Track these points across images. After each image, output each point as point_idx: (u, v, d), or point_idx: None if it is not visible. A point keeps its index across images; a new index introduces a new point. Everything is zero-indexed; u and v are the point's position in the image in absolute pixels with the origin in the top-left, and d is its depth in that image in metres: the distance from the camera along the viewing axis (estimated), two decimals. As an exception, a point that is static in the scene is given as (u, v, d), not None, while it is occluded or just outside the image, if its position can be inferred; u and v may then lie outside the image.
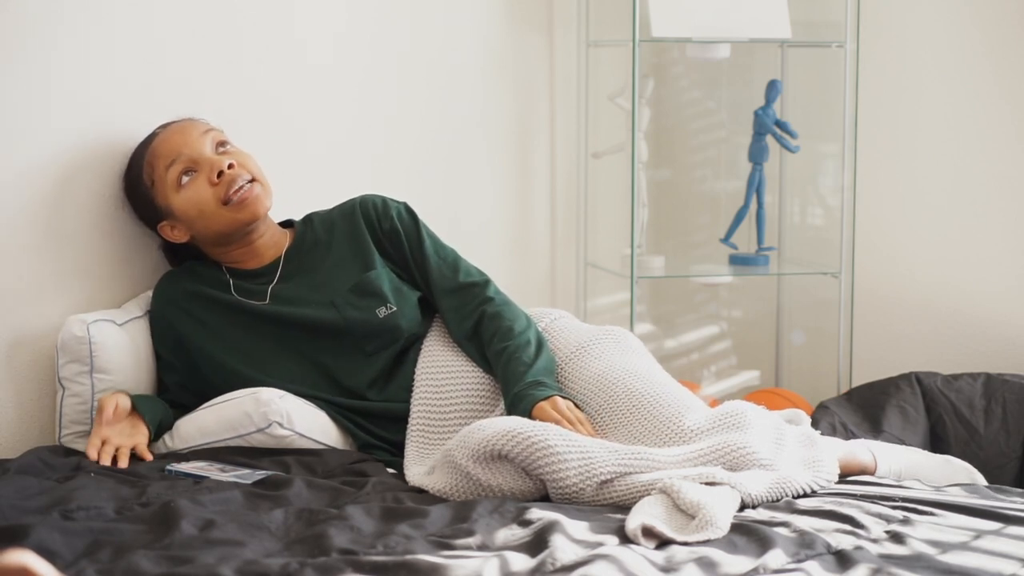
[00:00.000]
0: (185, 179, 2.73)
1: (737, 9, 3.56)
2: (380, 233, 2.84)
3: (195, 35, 2.97)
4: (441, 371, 2.76)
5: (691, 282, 3.87)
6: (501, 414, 2.69)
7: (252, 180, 2.75)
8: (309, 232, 2.86)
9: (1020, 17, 3.53)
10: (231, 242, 2.78)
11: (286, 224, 2.90)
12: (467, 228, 3.52)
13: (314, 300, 2.77)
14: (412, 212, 2.88)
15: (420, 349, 2.80)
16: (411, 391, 2.75)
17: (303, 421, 2.67)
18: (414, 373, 2.77)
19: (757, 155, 3.67)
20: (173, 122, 2.81)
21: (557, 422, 2.54)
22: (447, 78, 3.50)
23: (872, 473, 2.65)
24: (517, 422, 2.45)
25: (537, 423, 2.46)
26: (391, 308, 2.76)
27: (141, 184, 2.77)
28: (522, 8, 3.63)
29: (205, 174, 2.73)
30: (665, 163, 3.93)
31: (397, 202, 2.89)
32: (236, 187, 2.72)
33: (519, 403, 2.63)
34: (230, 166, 2.72)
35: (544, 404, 2.59)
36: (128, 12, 2.85)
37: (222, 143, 2.78)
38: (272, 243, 2.83)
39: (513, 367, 2.69)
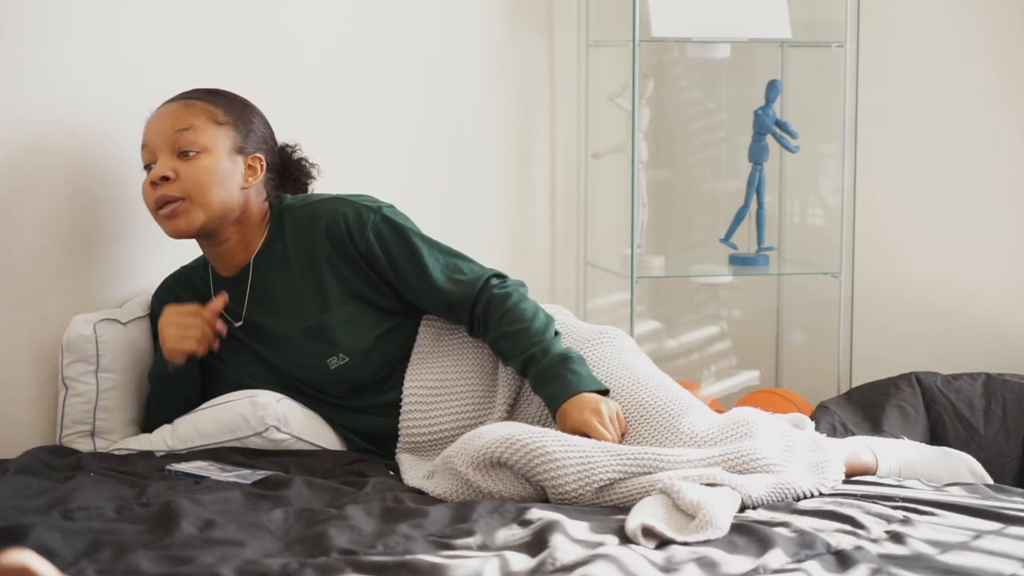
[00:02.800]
0: (145, 165, 2.70)
1: (737, 9, 3.56)
2: (355, 255, 2.70)
3: (193, 35, 2.97)
4: (429, 394, 2.71)
5: (691, 282, 3.87)
6: (498, 420, 2.68)
7: (183, 199, 2.64)
8: (279, 239, 2.74)
9: (1020, 17, 3.53)
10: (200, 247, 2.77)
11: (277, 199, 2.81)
12: (467, 228, 3.52)
13: (278, 342, 2.71)
14: (391, 221, 2.71)
15: (406, 367, 2.75)
16: (397, 407, 2.73)
17: (300, 424, 2.67)
18: (400, 392, 2.73)
19: (757, 155, 3.67)
20: (178, 98, 2.73)
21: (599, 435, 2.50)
22: (447, 78, 3.50)
23: (874, 473, 2.66)
24: (516, 428, 2.44)
25: (536, 429, 2.45)
26: (342, 359, 2.68)
27: None
28: (522, 8, 3.63)
29: (152, 174, 2.68)
30: (665, 163, 3.93)
31: (373, 209, 2.71)
32: (163, 201, 2.65)
33: (547, 384, 2.58)
34: (164, 178, 2.64)
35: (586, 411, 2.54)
36: (127, 13, 2.85)
37: (184, 151, 2.66)
38: (241, 247, 2.74)
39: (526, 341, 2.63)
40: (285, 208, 2.77)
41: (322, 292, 2.70)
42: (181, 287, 2.80)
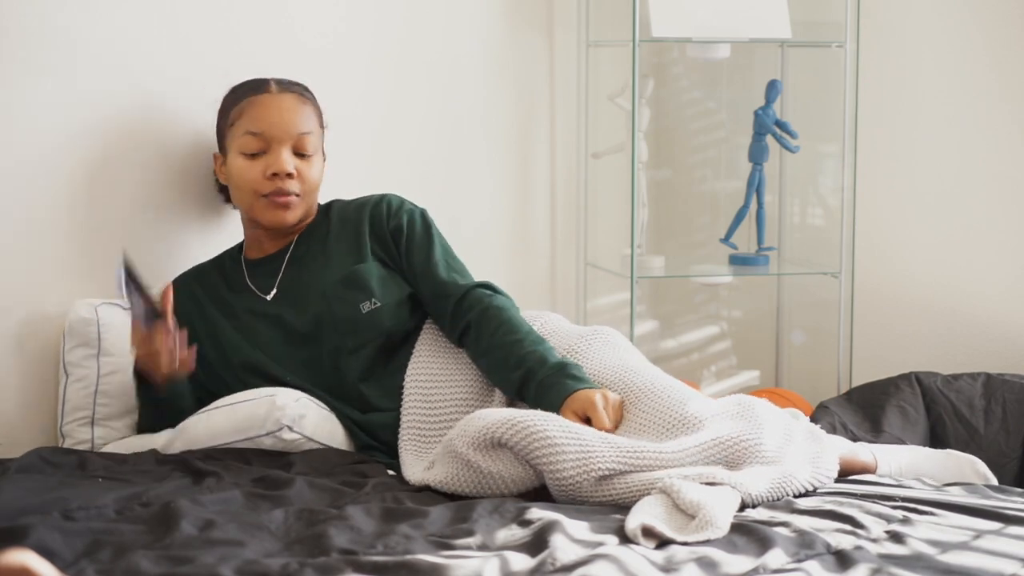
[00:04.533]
0: (252, 152, 2.76)
1: (737, 9, 3.56)
2: (385, 229, 2.84)
3: (193, 35, 2.97)
4: (430, 380, 2.75)
5: (691, 282, 3.87)
6: (498, 406, 2.69)
7: (298, 195, 2.78)
8: (324, 222, 2.88)
9: (1020, 17, 3.53)
10: (255, 226, 2.85)
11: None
12: (467, 228, 3.52)
13: (311, 298, 2.78)
14: (427, 219, 2.89)
15: (410, 353, 2.79)
16: (398, 394, 2.74)
17: (314, 425, 2.67)
18: (403, 379, 2.76)
19: (757, 155, 3.67)
20: (289, 90, 2.82)
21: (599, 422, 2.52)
22: (447, 78, 3.50)
23: (873, 472, 2.65)
24: (518, 410, 2.45)
25: (538, 412, 2.46)
26: (375, 304, 2.76)
27: (227, 113, 2.82)
28: (522, 8, 3.63)
29: (266, 161, 2.76)
30: (665, 163, 3.93)
31: (417, 207, 2.91)
32: (280, 194, 2.76)
33: (548, 391, 2.61)
34: (289, 175, 2.76)
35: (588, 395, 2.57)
36: (127, 12, 2.85)
37: (304, 153, 2.79)
38: (291, 229, 2.86)
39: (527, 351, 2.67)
40: (333, 201, 2.93)
41: (359, 248, 2.82)
42: (199, 283, 2.83)
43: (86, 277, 2.81)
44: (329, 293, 2.78)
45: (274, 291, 2.82)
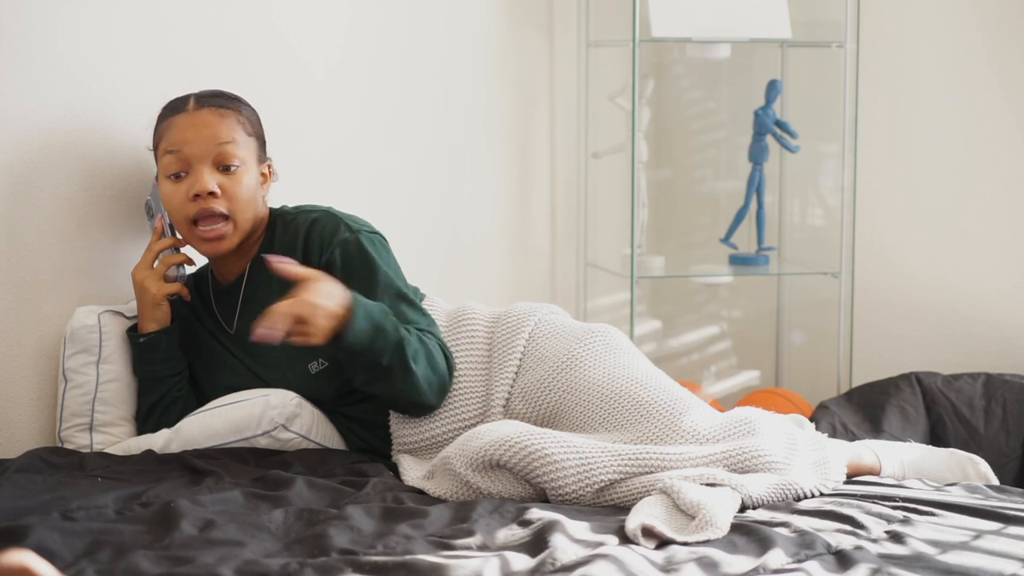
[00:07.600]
0: (173, 173, 2.65)
1: (737, 9, 3.56)
2: (319, 263, 2.65)
3: (194, 35, 2.97)
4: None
5: (691, 282, 3.87)
6: (496, 419, 2.67)
7: (227, 218, 2.63)
8: (269, 247, 2.71)
9: (1020, 17, 3.54)
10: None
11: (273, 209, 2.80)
12: (467, 228, 3.52)
13: (263, 347, 2.65)
14: (365, 248, 2.66)
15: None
16: (386, 414, 2.69)
17: (309, 424, 2.66)
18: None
19: (757, 155, 3.67)
20: (206, 104, 2.67)
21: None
22: (448, 79, 3.50)
23: (877, 475, 2.65)
24: (514, 430, 2.44)
25: (534, 429, 2.44)
26: (322, 364, 2.65)
27: (154, 136, 2.71)
28: (522, 8, 3.63)
29: (189, 183, 2.63)
30: (665, 163, 3.93)
31: (353, 230, 2.68)
32: (205, 217, 2.62)
33: None
34: (211, 193, 2.62)
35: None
36: (130, 13, 2.86)
37: (227, 165, 2.64)
38: (243, 254, 2.72)
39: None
40: (279, 215, 2.77)
41: None
42: (194, 290, 2.80)
43: (88, 280, 2.81)
44: (277, 350, 2.64)
45: (235, 327, 2.74)
